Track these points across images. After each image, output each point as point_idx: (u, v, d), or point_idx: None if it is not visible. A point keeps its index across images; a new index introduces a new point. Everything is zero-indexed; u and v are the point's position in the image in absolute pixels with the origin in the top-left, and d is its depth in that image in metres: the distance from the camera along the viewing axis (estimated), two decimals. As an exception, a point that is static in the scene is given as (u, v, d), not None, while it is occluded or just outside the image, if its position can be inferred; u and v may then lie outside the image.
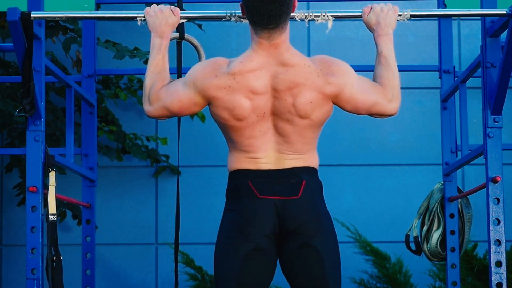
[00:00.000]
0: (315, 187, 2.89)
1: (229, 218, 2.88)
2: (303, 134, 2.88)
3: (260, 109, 2.85)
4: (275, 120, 2.86)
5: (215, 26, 6.30)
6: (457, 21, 6.38)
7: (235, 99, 2.84)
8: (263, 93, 2.84)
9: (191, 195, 6.22)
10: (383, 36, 3.06)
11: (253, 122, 2.85)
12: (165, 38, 3.04)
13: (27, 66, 3.40)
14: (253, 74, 2.84)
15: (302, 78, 2.85)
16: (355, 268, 5.94)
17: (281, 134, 2.87)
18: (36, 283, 3.45)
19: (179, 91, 2.91)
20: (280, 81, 2.84)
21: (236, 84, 2.84)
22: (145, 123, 6.31)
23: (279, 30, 2.86)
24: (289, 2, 2.82)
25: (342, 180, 6.26)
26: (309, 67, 2.88)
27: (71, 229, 6.12)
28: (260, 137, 2.86)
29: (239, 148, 2.89)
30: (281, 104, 2.84)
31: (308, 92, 2.84)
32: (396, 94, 3.02)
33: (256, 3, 2.79)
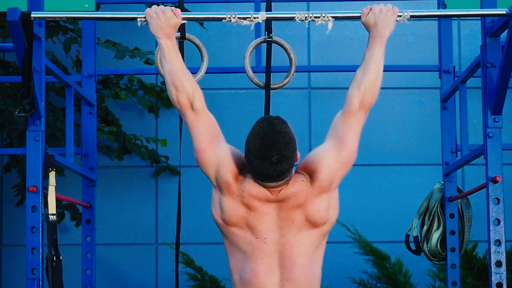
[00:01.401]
0: None
1: None
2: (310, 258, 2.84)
3: (261, 234, 2.83)
4: (280, 250, 2.83)
5: (215, 26, 6.30)
6: (457, 21, 6.38)
7: (235, 209, 2.83)
8: (265, 221, 2.83)
9: (191, 195, 6.22)
10: (376, 37, 3.04)
11: (252, 242, 2.82)
12: (172, 38, 3.04)
13: (27, 66, 3.40)
14: (258, 201, 2.84)
15: (303, 198, 2.84)
16: (355, 268, 5.94)
17: (286, 265, 2.83)
18: (36, 283, 3.45)
19: (212, 146, 2.90)
20: (283, 211, 2.84)
21: (243, 198, 2.84)
22: (145, 123, 6.31)
23: (282, 183, 2.83)
24: (291, 162, 2.78)
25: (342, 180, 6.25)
26: (302, 182, 2.85)
27: (70, 229, 6.12)
28: (263, 265, 2.82)
29: (243, 283, 2.85)
30: (288, 230, 2.83)
31: (311, 204, 2.84)
32: (365, 95, 2.91)
33: (258, 168, 2.76)
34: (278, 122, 2.78)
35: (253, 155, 2.75)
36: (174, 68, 2.96)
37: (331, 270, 6.10)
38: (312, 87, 6.40)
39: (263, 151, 2.73)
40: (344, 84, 6.10)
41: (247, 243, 2.84)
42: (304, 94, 6.40)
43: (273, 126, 2.76)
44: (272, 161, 2.74)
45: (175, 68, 2.96)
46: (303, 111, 6.36)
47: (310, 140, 6.29)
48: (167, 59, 2.98)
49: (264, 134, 2.75)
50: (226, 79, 6.32)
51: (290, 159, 2.76)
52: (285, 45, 3.59)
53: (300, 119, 6.32)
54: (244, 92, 6.38)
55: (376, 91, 2.94)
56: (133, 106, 6.32)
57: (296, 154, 2.79)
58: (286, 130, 2.77)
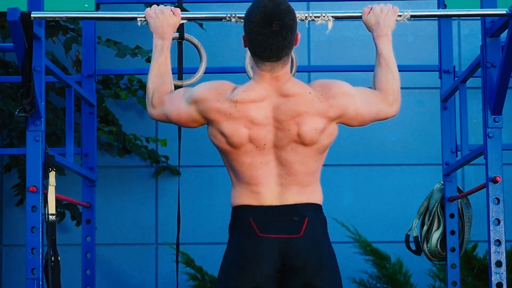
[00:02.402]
0: (318, 225, 2.86)
1: (230, 255, 2.86)
2: (306, 163, 2.85)
3: (260, 140, 2.83)
4: (277, 152, 2.84)
5: (215, 26, 6.30)
6: (457, 21, 6.38)
7: (233, 127, 2.82)
8: (264, 125, 2.82)
9: (191, 195, 6.22)
10: (382, 36, 3.06)
11: (252, 151, 2.83)
12: (166, 39, 3.04)
13: (27, 66, 3.40)
14: (254, 105, 2.83)
15: (305, 106, 2.82)
16: (355, 268, 5.94)
17: (284, 165, 2.85)
18: (36, 283, 3.45)
19: (180, 105, 2.91)
20: (282, 111, 2.82)
21: (236, 112, 2.82)
22: (145, 123, 6.31)
23: (281, 63, 2.83)
24: (291, 36, 2.78)
25: (342, 180, 6.27)
26: (310, 94, 2.84)
27: (70, 229, 6.12)
28: (261, 168, 2.84)
29: (241, 180, 2.87)
30: (284, 134, 2.82)
31: (312, 119, 2.82)
32: (397, 96, 3.02)
33: (258, 37, 2.76)
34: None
35: (254, 24, 2.76)
36: (154, 71, 2.99)
37: (331, 270, 6.09)
38: (312, 87, 6.39)
39: (264, 18, 2.74)
40: (344, 84, 6.10)
41: (248, 154, 2.84)
42: (304, 94, 6.39)
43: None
44: (273, 29, 2.74)
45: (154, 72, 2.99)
46: (303, 111, 6.36)
47: (310, 140, 6.28)
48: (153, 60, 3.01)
49: (265, 4, 2.76)
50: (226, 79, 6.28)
51: (291, 29, 2.77)
52: None
53: (300, 119, 6.31)
54: (244, 92, 6.37)
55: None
56: (133, 106, 6.32)
57: (296, 27, 2.80)
58: (287, 3, 2.79)
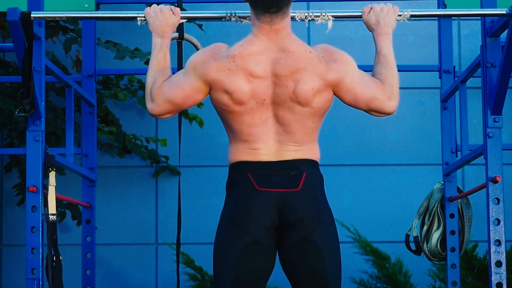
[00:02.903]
0: (316, 180, 2.88)
1: (228, 211, 2.87)
2: (303, 123, 2.86)
3: (260, 95, 2.83)
4: (275, 109, 2.85)
5: (215, 26, 6.30)
6: (457, 21, 6.38)
7: (235, 82, 2.82)
8: (263, 78, 2.82)
9: (191, 195, 6.22)
10: (383, 35, 3.07)
11: (253, 108, 2.83)
12: (166, 38, 3.05)
13: (27, 66, 3.40)
14: (253, 58, 2.84)
15: (303, 64, 2.83)
16: (355, 268, 5.94)
17: (281, 123, 2.86)
18: (36, 283, 3.45)
19: (180, 80, 2.91)
20: (281, 66, 2.83)
21: (235, 66, 2.83)
22: (145, 123, 6.31)
23: (281, 14, 2.84)
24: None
25: (342, 180, 6.26)
26: (310, 53, 2.85)
27: (71, 229, 6.12)
28: (260, 125, 2.85)
29: (239, 138, 2.88)
30: (281, 90, 2.83)
31: (309, 77, 2.83)
32: (395, 92, 3.02)
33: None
34: None
35: None
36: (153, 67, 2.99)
37: (331, 270, 6.09)
38: (312, 87, 6.39)
39: None
40: (344, 84, 6.10)
41: (248, 111, 2.84)
42: (304, 94, 6.39)
43: None
44: None
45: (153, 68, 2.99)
46: (303, 111, 6.36)
47: (310, 140, 6.29)
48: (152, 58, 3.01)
49: None
50: (226, 79, 6.31)
51: None
52: None
53: (300, 119, 6.32)
54: (244, 92, 6.37)
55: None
56: (133, 106, 6.32)
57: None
58: None
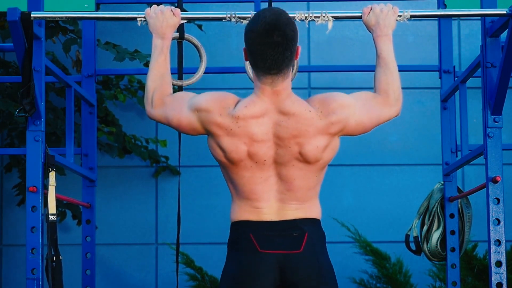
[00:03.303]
0: (317, 239, 2.87)
1: (230, 271, 2.86)
2: (307, 179, 2.86)
3: (260, 156, 2.83)
4: (277, 168, 2.85)
5: (215, 26, 6.30)
6: (457, 21, 6.38)
7: (233, 143, 2.82)
8: (264, 141, 2.82)
9: (191, 195, 6.22)
10: (382, 36, 3.06)
11: (251, 166, 2.83)
12: (166, 39, 3.04)
13: (27, 66, 3.40)
14: (255, 121, 2.83)
15: (305, 125, 2.83)
16: (355, 268, 5.94)
17: (284, 181, 2.85)
18: (36, 283, 3.45)
19: (182, 111, 2.90)
20: (282, 129, 2.83)
21: (237, 128, 2.82)
22: (145, 123, 6.31)
23: (282, 76, 2.83)
24: (292, 48, 2.78)
25: (342, 180, 6.26)
26: (310, 112, 2.84)
27: (71, 229, 6.12)
28: (261, 184, 2.84)
29: (241, 195, 2.87)
30: (284, 151, 2.83)
31: (313, 138, 2.83)
32: (397, 96, 3.02)
33: (259, 47, 2.77)
34: (279, 9, 2.82)
35: (255, 35, 2.78)
36: (154, 70, 2.99)
37: (331, 270, 6.09)
38: (312, 87, 6.39)
39: (265, 28, 2.75)
40: (344, 84, 6.11)
41: (248, 169, 2.84)
42: (304, 94, 6.39)
43: (275, 10, 2.80)
44: (273, 39, 2.75)
45: (154, 71, 2.99)
46: (303, 111, 6.36)
47: (310, 140, 6.28)
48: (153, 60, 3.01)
49: (266, 15, 2.78)
50: (226, 79, 6.32)
51: (292, 41, 2.77)
52: None
53: (300, 119, 6.31)
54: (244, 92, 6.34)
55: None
56: (133, 106, 6.32)
57: (297, 39, 2.80)
58: (288, 15, 2.81)
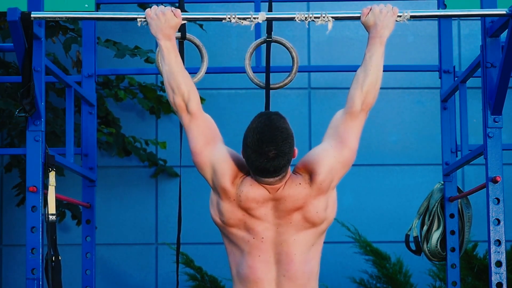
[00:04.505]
0: None
1: None
2: (306, 255, 2.86)
3: (258, 234, 2.85)
4: (277, 248, 2.86)
5: (215, 26, 6.30)
6: (457, 21, 6.38)
7: (233, 212, 2.85)
8: (263, 221, 2.85)
9: (191, 195, 6.22)
10: (376, 38, 3.04)
11: (249, 240, 2.85)
12: (172, 40, 3.05)
13: (27, 66, 3.40)
14: (255, 205, 2.85)
15: (301, 201, 2.85)
16: (355, 268, 5.94)
17: (283, 262, 2.86)
18: (36, 283, 3.46)
19: (205, 148, 2.89)
20: (280, 211, 2.85)
21: (240, 202, 2.85)
22: (145, 124, 6.31)
23: (279, 178, 2.84)
24: (288, 159, 2.80)
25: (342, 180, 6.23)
26: (300, 185, 2.86)
27: (71, 229, 6.12)
28: (260, 263, 2.85)
29: (240, 279, 2.87)
30: (286, 229, 2.85)
31: (311, 206, 2.86)
32: (366, 96, 2.93)
33: (255, 162, 2.77)
34: (277, 117, 2.79)
35: (251, 150, 2.76)
36: (172, 69, 2.97)
37: (331, 270, 6.10)
38: (312, 87, 6.40)
39: (260, 146, 2.75)
40: (344, 84, 6.10)
41: (245, 242, 2.86)
42: (304, 94, 6.40)
43: (271, 122, 2.77)
44: (269, 156, 2.75)
45: (173, 69, 2.97)
46: (303, 111, 6.36)
47: (310, 140, 6.29)
48: (166, 61, 2.99)
49: (262, 129, 2.76)
50: (226, 79, 6.32)
51: (288, 154, 2.78)
52: (286, 44, 3.58)
53: (300, 119, 6.32)
54: (244, 92, 6.38)
55: (377, 92, 2.96)
56: (134, 107, 6.32)
57: (293, 150, 2.81)
58: (284, 126, 2.79)
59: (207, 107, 2.97)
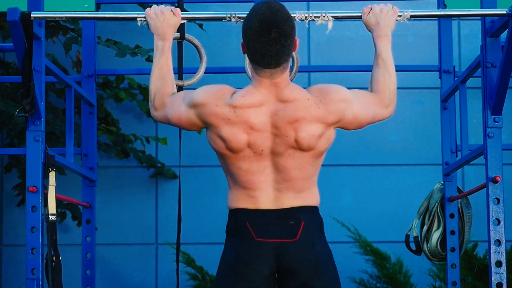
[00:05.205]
0: (315, 227, 2.88)
1: (227, 259, 2.91)
2: (303, 169, 2.86)
3: (258, 146, 2.83)
4: (274, 158, 2.85)
5: (215, 26, 6.30)
6: (457, 21, 6.38)
7: (232, 132, 2.83)
8: (262, 131, 2.83)
9: (191, 195, 6.22)
10: (382, 37, 3.06)
11: (250, 157, 2.84)
12: (167, 40, 3.05)
13: (27, 66, 3.40)
14: (253, 110, 2.83)
15: (303, 112, 2.83)
16: (355, 268, 5.94)
17: (280, 171, 2.86)
18: (36, 283, 3.45)
19: (180, 108, 2.91)
20: (280, 117, 2.83)
21: (236, 117, 2.83)
22: (144, 125, 6.31)
23: (280, 69, 2.83)
24: (290, 43, 2.79)
25: (342, 180, 6.26)
26: (308, 100, 2.85)
27: (71, 229, 6.12)
28: (258, 173, 2.85)
29: (238, 184, 2.88)
30: (281, 140, 2.83)
31: (309, 125, 2.83)
32: (393, 97, 3.04)
33: (257, 44, 2.77)
34: (277, 3, 2.81)
35: (252, 32, 2.77)
36: (155, 72, 2.99)
37: (331, 270, 6.09)
38: (312, 87, 6.39)
39: (262, 26, 2.75)
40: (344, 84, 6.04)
41: (246, 159, 2.84)
42: (304, 94, 6.39)
43: (272, 6, 2.79)
44: (271, 36, 2.75)
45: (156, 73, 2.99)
46: (303, 111, 6.36)
47: (310, 140, 6.28)
48: (155, 62, 3.01)
49: (263, 11, 2.77)
50: (226, 79, 6.30)
51: (290, 36, 2.78)
52: None
53: (300, 119, 6.31)
54: (244, 92, 6.37)
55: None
56: (133, 108, 6.32)
57: (295, 33, 2.80)
58: (285, 10, 2.80)
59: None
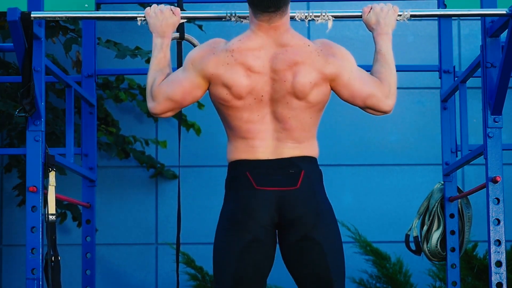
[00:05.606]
0: (314, 177, 2.88)
1: (227, 210, 2.89)
2: (301, 119, 2.87)
3: (258, 91, 2.84)
4: (273, 105, 2.86)
5: (215, 26, 6.30)
6: (457, 21, 6.38)
7: (234, 76, 2.84)
8: (261, 74, 2.84)
9: (191, 195, 6.22)
10: (383, 35, 3.07)
11: (251, 104, 2.84)
12: (166, 38, 3.06)
13: (27, 66, 3.40)
14: (251, 53, 2.86)
15: (302, 57, 2.85)
16: (355, 268, 5.94)
17: (279, 120, 2.86)
18: (36, 283, 3.45)
19: (179, 77, 2.92)
20: (279, 61, 2.84)
21: (234, 61, 2.85)
22: (144, 126, 6.30)
23: (280, 13, 2.85)
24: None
25: (342, 180, 6.26)
26: (309, 46, 2.87)
27: (71, 230, 6.12)
28: (258, 122, 2.86)
29: (237, 135, 2.88)
30: (280, 86, 2.84)
31: (307, 70, 2.84)
32: (393, 91, 3.03)
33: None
34: None
35: None
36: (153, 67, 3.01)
37: (331, 270, 6.09)
38: (312, 87, 6.39)
39: None
40: (344, 84, 6.10)
41: (246, 108, 2.85)
42: (304, 94, 6.39)
43: None
44: None
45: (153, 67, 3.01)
46: (303, 111, 6.36)
47: (310, 140, 6.29)
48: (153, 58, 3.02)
49: None
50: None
51: None
52: None
53: (300, 119, 6.32)
54: (244, 92, 6.37)
55: None
56: (133, 109, 6.32)
57: None
58: None
59: (207, 108, 2.98)
